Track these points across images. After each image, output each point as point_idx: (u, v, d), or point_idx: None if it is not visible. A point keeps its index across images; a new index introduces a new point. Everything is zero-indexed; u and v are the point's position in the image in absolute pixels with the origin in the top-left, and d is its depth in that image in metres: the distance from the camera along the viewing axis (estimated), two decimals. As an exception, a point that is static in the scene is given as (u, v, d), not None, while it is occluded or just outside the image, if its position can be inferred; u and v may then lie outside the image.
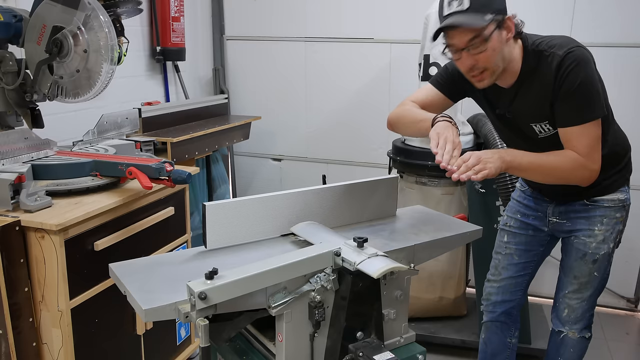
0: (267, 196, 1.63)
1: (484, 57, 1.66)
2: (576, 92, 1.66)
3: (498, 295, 2.16)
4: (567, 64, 1.65)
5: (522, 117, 1.82)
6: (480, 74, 1.71)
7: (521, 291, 2.15)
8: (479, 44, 1.63)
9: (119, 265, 1.50)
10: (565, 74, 1.65)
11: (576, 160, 1.71)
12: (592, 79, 1.67)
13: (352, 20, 3.59)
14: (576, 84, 1.65)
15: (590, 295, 1.99)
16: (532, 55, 1.72)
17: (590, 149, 1.71)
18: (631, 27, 3.01)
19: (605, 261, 1.95)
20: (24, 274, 1.78)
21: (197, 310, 1.20)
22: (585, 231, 1.93)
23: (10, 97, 2.14)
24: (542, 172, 1.76)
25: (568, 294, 2.01)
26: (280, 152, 4.02)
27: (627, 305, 3.42)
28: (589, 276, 1.96)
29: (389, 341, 1.54)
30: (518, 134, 1.89)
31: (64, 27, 2.05)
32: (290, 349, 1.40)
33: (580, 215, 1.94)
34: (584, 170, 1.73)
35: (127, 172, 1.96)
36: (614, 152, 1.87)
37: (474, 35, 1.62)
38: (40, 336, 1.85)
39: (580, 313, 2.01)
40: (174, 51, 3.46)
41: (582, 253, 1.94)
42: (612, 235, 1.92)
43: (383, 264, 1.34)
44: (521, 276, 2.13)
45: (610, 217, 1.91)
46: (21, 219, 1.74)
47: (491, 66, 1.69)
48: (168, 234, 2.30)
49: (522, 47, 1.74)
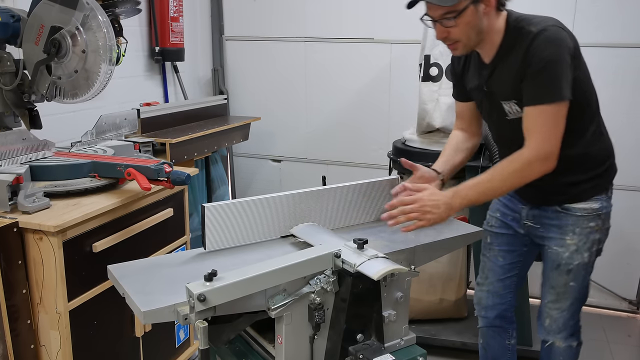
0: (266, 197, 1.63)
1: (456, 31, 1.69)
2: (540, 72, 1.63)
3: (488, 299, 2.12)
4: (538, 42, 1.62)
5: (496, 94, 1.80)
6: (453, 44, 1.74)
7: (511, 293, 2.10)
8: (452, 18, 1.66)
9: (117, 267, 1.49)
10: (533, 52, 1.63)
11: (522, 157, 1.67)
12: (559, 61, 1.62)
13: (352, 20, 3.58)
14: (542, 63, 1.62)
15: (570, 304, 1.92)
16: (513, 31, 1.71)
17: (544, 133, 1.65)
18: (632, 28, 3.00)
19: (582, 271, 1.88)
20: (22, 276, 1.77)
21: (196, 312, 1.20)
22: (557, 240, 1.87)
23: (8, 98, 2.14)
24: (496, 188, 1.72)
25: (548, 303, 1.95)
26: (280, 153, 4.01)
27: (628, 307, 3.40)
28: (565, 287, 1.89)
29: (389, 343, 1.53)
30: (491, 113, 1.87)
31: (62, 27, 2.04)
32: (290, 351, 1.39)
33: (552, 222, 1.88)
34: (535, 165, 1.66)
35: (125, 173, 1.95)
36: (591, 155, 1.81)
37: (446, 10, 1.65)
38: (38, 338, 1.84)
39: (562, 323, 1.95)
40: (173, 51, 3.45)
41: (556, 263, 1.89)
42: (587, 245, 1.84)
43: (383, 265, 1.33)
44: (508, 278, 2.08)
45: (583, 227, 1.83)
46: (19, 221, 1.73)
47: (463, 39, 1.71)
48: (167, 235, 2.29)
49: (506, 21, 1.73)
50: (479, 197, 1.70)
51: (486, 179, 1.71)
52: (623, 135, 2.92)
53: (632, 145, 3.10)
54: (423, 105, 2.81)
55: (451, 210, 1.67)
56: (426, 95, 2.79)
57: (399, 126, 3.28)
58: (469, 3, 1.63)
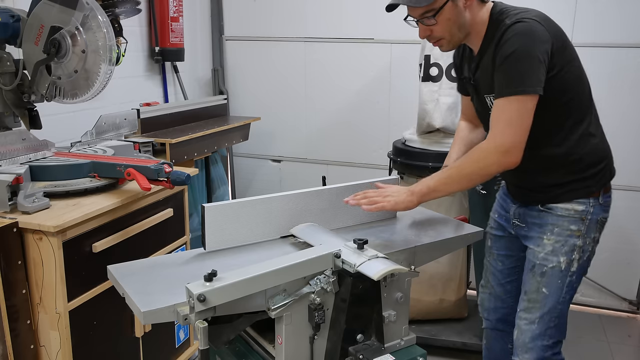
0: (266, 197, 1.63)
1: (437, 28, 1.69)
2: (506, 63, 1.59)
3: (490, 302, 2.10)
4: (508, 34, 1.60)
5: (480, 86, 1.78)
6: (437, 42, 1.75)
7: (512, 298, 2.04)
8: (431, 16, 1.66)
9: (117, 267, 1.49)
10: (502, 43, 1.60)
11: (478, 153, 1.66)
12: (527, 53, 1.57)
13: (352, 20, 3.58)
14: (508, 54, 1.58)
15: (540, 317, 1.77)
16: (494, 23, 1.69)
17: (505, 125, 1.60)
18: (631, 28, 3.00)
19: (557, 278, 1.75)
20: (22, 276, 1.77)
21: (196, 313, 1.20)
22: (535, 239, 1.80)
23: (7, 98, 2.13)
24: (453, 176, 1.70)
25: (519, 312, 1.84)
26: (280, 153, 4.01)
27: (629, 308, 3.40)
28: (536, 292, 1.78)
29: (390, 344, 1.53)
30: (479, 107, 1.85)
31: (62, 27, 2.04)
32: (290, 352, 1.39)
33: (535, 221, 1.81)
34: (491, 156, 1.63)
35: (125, 173, 1.95)
36: (577, 157, 1.73)
37: (424, 10, 1.66)
38: (38, 339, 1.84)
39: (529, 338, 1.79)
40: (172, 51, 3.44)
41: (532, 264, 1.80)
42: (564, 248, 1.74)
43: (383, 266, 1.33)
44: (509, 282, 2.02)
45: (563, 228, 1.74)
46: (19, 221, 1.73)
47: (446, 36, 1.71)
48: (167, 235, 2.29)
49: (490, 13, 1.71)
50: (437, 185, 1.70)
51: (446, 169, 1.73)
52: (622, 135, 2.93)
53: (632, 145, 3.10)
54: (423, 106, 2.81)
55: (412, 195, 1.68)
56: (426, 96, 2.79)
57: (399, 126, 3.28)
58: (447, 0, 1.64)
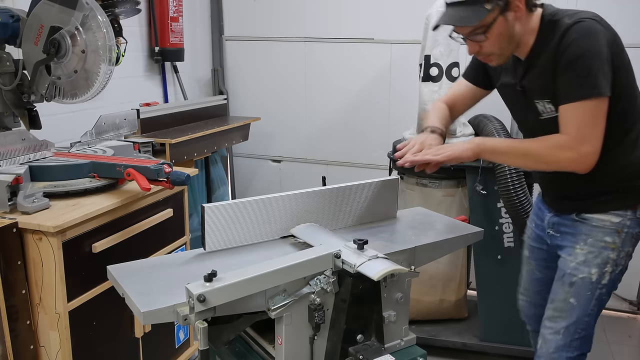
0: (266, 198, 1.62)
1: (487, 44, 1.64)
2: (574, 66, 1.53)
3: (530, 309, 2.08)
4: (571, 34, 1.53)
5: (530, 92, 1.71)
6: (487, 57, 1.70)
7: None
8: (481, 33, 1.61)
9: (117, 268, 1.48)
10: (567, 45, 1.54)
11: (558, 140, 1.58)
12: (596, 54, 1.52)
13: (352, 20, 3.58)
14: (576, 56, 1.52)
15: (566, 328, 1.74)
16: (548, 26, 1.62)
17: (579, 128, 1.55)
18: (633, 28, 2.99)
19: (586, 290, 1.72)
20: (22, 276, 1.77)
21: (196, 313, 1.19)
22: (568, 249, 1.77)
23: (7, 98, 2.13)
24: (519, 153, 1.66)
25: (544, 321, 1.81)
26: (280, 154, 4.01)
27: (629, 308, 3.40)
28: (563, 302, 1.75)
29: (390, 344, 1.53)
30: (524, 112, 1.78)
31: (62, 28, 2.04)
32: (290, 352, 1.39)
33: (568, 230, 1.79)
34: (569, 152, 1.57)
35: (125, 173, 1.95)
36: (621, 167, 1.68)
37: (474, 28, 1.61)
38: (37, 339, 1.84)
39: (553, 349, 1.75)
40: (172, 51, 3.44)
41: (562, 272, 1.77)
42: (597, 260, 1.70)
43: (383, 266, 1.33)
44: (545, 291, 1.92)
45: (597, 239, 1.70)
46: (18, 221, 1.73)
47: (496, 51, 1.66)
48: (167, 235, 2.29)
49: (540, 17, 1.65)
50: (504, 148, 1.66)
51: (517, 141, 1.66)
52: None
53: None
54: (423, 106, 2.81)
55: (472, 144, 1.63)
56: (426, 96, 2.79)
57: (399, 126, 3.27)
58: (497, 14, 1.58)
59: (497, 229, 2.69)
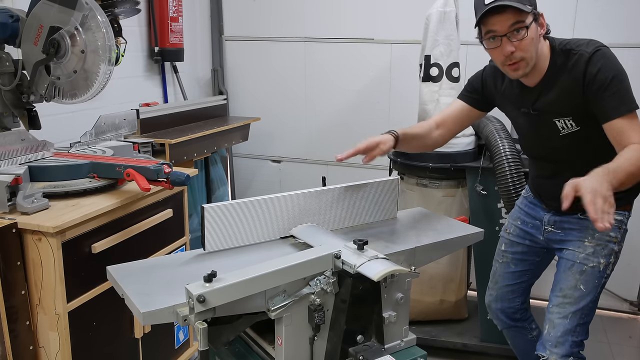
0: (266, 198, 1.62)
1: (523, 45, 1.69)
2: (612, 86, 1.67)
3: (497, 303, 2.20)
4: (596, 61, 1.68)
5: (546, 113, 1.82)
6: (516, 63, 1.74)
7: (519, 297, 2.17)
8: (521, 29, 1.67)
9: (116, 268, 1.49)
10: (596, 71, 1.68)
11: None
12: (623, 74, 1.70)
13: (352, 20, 3.58)
14: (609, 78, 1.67)
15: (574, 313, 1.87)
16: (560, 54, 1.76)
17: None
18: (633, 28, 2.99)
19: (594, 278, 1.87)
20: (21, 277, 1.76)
21: (196, 313, 1.19)
22: (575, 242, 1.91)
23: (6, 98, 2.13)
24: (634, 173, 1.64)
25: (552, 307, 1.92)
26: (280, 154, 4.01)
27: (629, 309, 3.40)
28: (574, 289, 1.88)
29: (390, 344, 1.53)
30: (540, 131, 1.89)
31: (61, 28, 2.03)
32: (290, 353, 1.38)
33: (573, 227, 1.92)
34: None
35: (124, 173, 1.94)
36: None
37: (517, 19, 1.66)
38: (37, 339, 1.83)
39: (561, 332, 1.87)
40: (172, 52, 3.44)
41: (571, 263, 1.90)
42: (604, 251, 1.87)
43: (383, 266, 1.33)
44: (517, 284, 2.14)
45: (603, 234, 1.85)
46: (18, 221, 1.73)
47: (528, 56, 1.72)
48: (166, 236, 2.28)
49: (550, 46, 1.79)
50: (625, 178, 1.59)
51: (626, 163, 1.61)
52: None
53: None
54: (423, 106, 2.81)
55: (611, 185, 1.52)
56: (426, 96, 2.79)
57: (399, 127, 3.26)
58: (532, 20, 1.68)
59: (497, 229, 2.69)
